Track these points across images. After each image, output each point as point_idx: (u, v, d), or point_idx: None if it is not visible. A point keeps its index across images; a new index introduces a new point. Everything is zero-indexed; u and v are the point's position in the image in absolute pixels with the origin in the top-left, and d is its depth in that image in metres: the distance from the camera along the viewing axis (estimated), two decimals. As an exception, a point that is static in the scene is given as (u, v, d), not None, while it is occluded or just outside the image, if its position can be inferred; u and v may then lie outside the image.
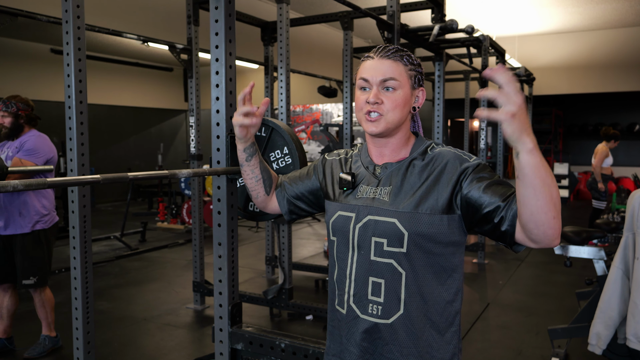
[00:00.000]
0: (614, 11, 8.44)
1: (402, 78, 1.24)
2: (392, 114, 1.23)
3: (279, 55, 3.85)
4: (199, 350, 3.51)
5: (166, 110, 12.75)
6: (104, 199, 10.97)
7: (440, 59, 4.44)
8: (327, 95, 9.00)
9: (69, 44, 2.20)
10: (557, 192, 1.03)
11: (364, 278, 1.25)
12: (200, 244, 4.34)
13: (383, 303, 1.22)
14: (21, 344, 3.49)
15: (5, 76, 8.94)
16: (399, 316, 1.21)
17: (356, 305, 1.26)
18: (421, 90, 1.30)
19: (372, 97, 1.23)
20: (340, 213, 1.31)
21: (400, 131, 1.28)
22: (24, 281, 3.23)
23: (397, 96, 1.23)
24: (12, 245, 3.26)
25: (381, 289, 1.22)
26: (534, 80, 8.90)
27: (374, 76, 1.24)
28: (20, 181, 1.18)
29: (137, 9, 6.63)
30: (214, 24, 1.84)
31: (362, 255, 1.25)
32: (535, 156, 0.99)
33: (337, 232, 1.31)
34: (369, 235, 1.24)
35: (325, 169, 1.44)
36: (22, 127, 3.29)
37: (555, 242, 1.07)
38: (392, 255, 1.21)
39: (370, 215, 1.25)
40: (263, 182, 1.50)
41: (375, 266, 1.23)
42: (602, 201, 6.60)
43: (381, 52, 1.25)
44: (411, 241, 1.19)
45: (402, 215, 1.20)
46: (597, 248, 3.18)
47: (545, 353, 3.43)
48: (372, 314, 1.23)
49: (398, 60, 1.24)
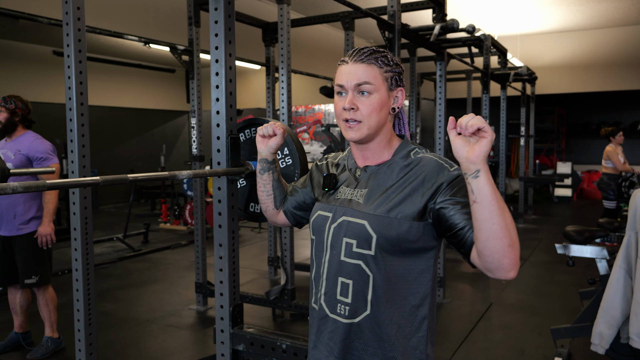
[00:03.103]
0: (617, 9, 8.41)
1: (377, 81, 1.23)
2: (370, 119, 1.23)
3: (280, 56, 3.85)
4: (201, 352, 3.52)
5: (168, 111, 12.77)
6: (106, 201, 10.99)
7: (442, 58, 4.44)
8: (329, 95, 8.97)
9: (70, 46, 2.20)
10: (511, 219, 1.04)
11: (334, 278, 1.26)
12: (203, 245, 4.34)
13: (350, 304, 1.23)
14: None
15: (8, 78, 8.97)
16: (365, 316, 1.22)
17: (326, 304, 1.28)
18: (400, 90, 1.28)
19: (347, 103, 1.23)
20: (320, 212, 1.33)
21: (380, 134, 1.27)
22: (26, 280, 3.26)
23: (373, 100, 1.22)
24: (13, 246, 3.29)
25: (349, 290, 1.23)
26: (536, 79, 8.89)
27: (348, 81, 1.23)
28: (20, 183, 1.18)
29: (138, 10, 6.64)
30: (214, 25, 1.85)
31: (333, 255, 1.26)
32: (491, 178, 1.03)
33: (315, 231, 1.33)
34: (341, 235, 1.25)
35: (315, 174, 1.46)
36: (16, 125, 3.31)
37: (511, 274, 1.06)
38: (360, 256, 1.21)
39: (345, 216, 1.26)
40: (274, 198, 1.53)
41: (345, 266, 1.24)
42: (612, 201, 6.57)
43: (355, 56, 1.24)
44: (379, 244, 1.19)
45: (373, 217, 1.20)
46: (600, 247, 3.17)
47: (548, 353, 3.42)
48: (340, 313, 1.24)
49: (372, 63, 1.23)
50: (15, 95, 3.33)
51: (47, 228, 3.23)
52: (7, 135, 3.32)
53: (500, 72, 7.19)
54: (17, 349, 3.48)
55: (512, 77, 7.27)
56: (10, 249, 3.30)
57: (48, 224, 3.24)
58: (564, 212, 9.97)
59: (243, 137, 2.04)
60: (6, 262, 3.31)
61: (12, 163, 3.20)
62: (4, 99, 3.28)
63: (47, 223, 3.24)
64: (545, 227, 8.26)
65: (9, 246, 3.29)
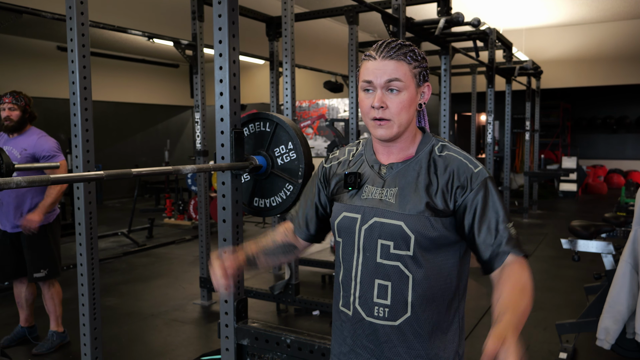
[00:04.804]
0: (623, 3, 8.34)
1: (407, 78, 1.20)
2: (400, 117, 1.20)
3: (284, 51, 3.83)
4: (206, 346, 3.52)
5: (172, 106, 12.77)
6: (111, 196, 11.01)
7: (447, 52, 4.41)
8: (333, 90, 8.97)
9: (73, 41, 2.20)
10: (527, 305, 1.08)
11: (370, 280, 1.23)
12: (207, 239, 4.35)
13: (390, 305, 1.21)
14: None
15: (12, 73, 8.98)
16: (406, 318, 1.20)
17: (361, 308, 1.24)
18: (427, 85, 1.26)
19: (376, 101, 1.19)
20: (345, 214, 1.28)
21: (407, 130, 1.25)
22: (35, 274, 3.28)
23: (403, 98, 1.20)
24: (20, 241, 3.30)
25: (388, 292, 1.21)
26: (541, 73, 8.84)
27: (377, 78, 1.19)
28: (24, 178, 1.18)
29: (141, 5, 6.63)
30: (217, 18, 1.83)
31: (367, 258, 1.23)
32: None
33: (343, 233, 1.29)
34: (375, 237, 1.22)
35: (327, 176, 1.39)
36: (26, 123, 3.31)
37: None
38: (398, 258, 1.20)
39: (376, 217, 1.23)
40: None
41: (382, 269, 1.21)
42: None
43: (384, 52, 1.20)
44: (417, 244, 1.18)
45: (409, 218, 1.19)
46: (606, 242, 3.15)
47: (553, 348, 3.41)
48: (378, 316, 1.22)
49: (402, 59, 1.19)
50: (18, 92, 3.32)
51: (34, 217, 3.16)
52: (16, 132, 3.31)
53: (505, 66, 7.15)
54: (23, 343, 3.50)
55: (517, 71, 7.23)
56: (18, 243, 3.31)
57: (38, 214, 3.17)
58: (569, 207, 9.93)
59: (247, 132, 2.04)
60: (13, 256, 3.32)
61: (18, 162, 3.19)
62: (13, 96, 3.26)
63: (38, 213, 3.18)
64: (550, 222, 8.23)
65: (17, 240, 3.30)
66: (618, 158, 12.44)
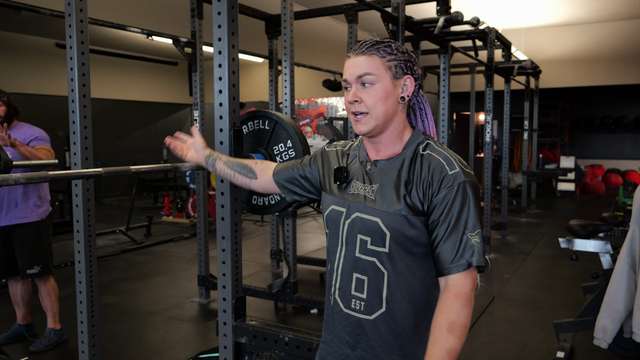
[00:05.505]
0: (622, 3, 8.35)
1: (379, 71, 1.21)
2: (375, 110, 1.22)
3: (283, 49, 3.83)
4: (204, 344, 3.52)
5: (171, 104, 12.75)
6: (109, 193, 11.00)
7: (446, 51, 4.41)
8: (332, 88, 8.97)
9: (72, 37, 2.19)
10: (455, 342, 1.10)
11: (349, 273, 1.26)
12: (205, 237, 4.35)
13: (366, 299, 1.23)
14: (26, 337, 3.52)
15: (11, 71, 8.96)
16: (381, 313, 1.22)
17: (340, 299, 1.28)
18: (408, 77, 1.25)
19: (350, 96, 1.23)
20: (333, 207, 1.32)
21: (391, 125, 1.26)
22: (28, 271, 3.27)
23: (376, 90, 1.21)
24: (11, 239, 3.29)
25: (364, 286, 1.24)
26: (540, 73, 8.83)
27: (350, 74, 1.24)
28: (22, 175, 1.17)
29: (140, 2, 6.62)
30: (217, 16, 1.83)
31: (348, 251, 1.27)
32: None
33: (330, 225, 1.33)
34: (355, 232, 1.25)
35: (324, 160, 1.43)
36: (13, 117, 3.30)
37: None
38: (375, 254, 1.22)
39: (358, 212, 1.25)
40: (242, 175, 1.59)
41: (360, 263, 1.24)
42: None
43: (357, 49, 1.24)
44: (394, 241, 1.19)
45: (385, 215, 1.20)
46: (603, 241, 3.15)
47: (550, 347, 3.41)
48: (354, 309, 1.25)
49: (373, 53, 1.22)
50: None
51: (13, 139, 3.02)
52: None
53: (504, 65, 7.14)
54: (20, 340, 3.49)
55: (516, 71, 7.23)
56: (9, 241, 3.29)
57: (19, 143, 3.05)
58: (567, 206, 9.95)
59: (246, 130, 2.03)
60: (5, 254, 3.31)
61: (12, 158, 3.19)
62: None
63: (19, 143, 3.05)
64: (548, 221, 8.24)
65: (8, 237, 3.29)
66: (616, 158, 12.46)
